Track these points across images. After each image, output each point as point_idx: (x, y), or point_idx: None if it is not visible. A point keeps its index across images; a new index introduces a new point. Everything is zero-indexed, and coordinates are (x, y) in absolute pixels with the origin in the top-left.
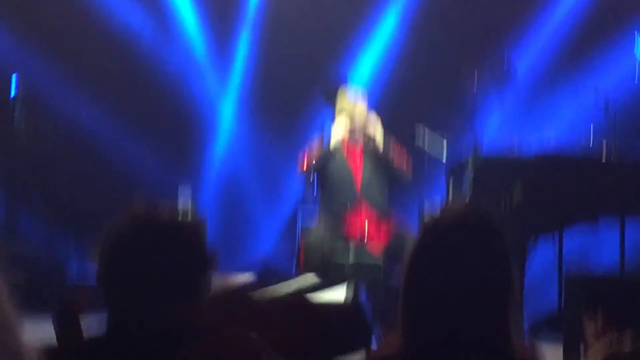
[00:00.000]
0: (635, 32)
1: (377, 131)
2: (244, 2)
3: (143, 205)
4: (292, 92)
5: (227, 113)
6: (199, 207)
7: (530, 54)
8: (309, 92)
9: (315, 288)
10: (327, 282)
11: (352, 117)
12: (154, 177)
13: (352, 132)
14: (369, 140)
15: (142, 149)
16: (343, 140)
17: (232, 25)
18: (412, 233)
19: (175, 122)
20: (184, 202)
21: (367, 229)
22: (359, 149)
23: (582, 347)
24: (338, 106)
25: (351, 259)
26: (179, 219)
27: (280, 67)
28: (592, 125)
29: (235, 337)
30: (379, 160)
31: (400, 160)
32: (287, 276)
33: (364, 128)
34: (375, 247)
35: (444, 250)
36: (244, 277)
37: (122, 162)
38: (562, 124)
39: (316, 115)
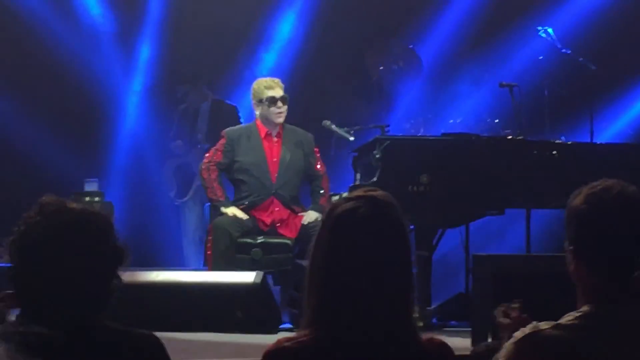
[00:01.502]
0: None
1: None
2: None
3: (52, 200)
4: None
5: (132, 107)
6: (106, 199)
7: (435, 44)
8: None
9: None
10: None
11: (272, 92)
12: (62, 173)
13: (270, 115)
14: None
15: (50, 144)
16: (260, 126)
17: (136, 23)
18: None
19: (81, 115)
20: (91, 193)
21: (279, 218)
22: (277, 136)
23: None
24: (256, 93)
25: (260, 239)
26: (88, 212)
27: (183, 63)
28: (497, 116)
29: (145, 338)
30: (298, 150)
31: (320, 162)
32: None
33: (284, 106)
34: (287, 232)
35: (338, 235)
36: (155, 274)
37: (30, 159)
38: (469, 113)
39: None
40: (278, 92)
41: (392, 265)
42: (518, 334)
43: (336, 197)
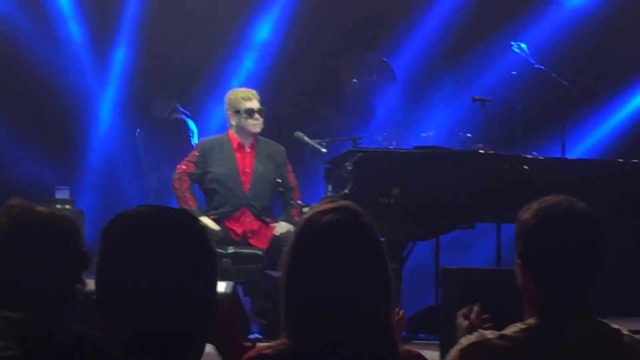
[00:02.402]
0: (512, 42)
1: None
2: (123, 12)
3: (19, 202)
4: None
5: (104, 114)
6: (77, 207)
7: (408, 58)
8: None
9: None
10: None
11: (247, 102)
12: (33, 180)
13: (245, 125)
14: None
15: (21, 151)
16: (233, 137)
17: (111, 30)
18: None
19: (54, 123)
20: (62, 201)
21: (250, 229)
22: (250, 147)
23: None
24: (232, 104)
25: (231, 249)
26: (55, 215)
27: (157, 70)
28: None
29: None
30: (270, 162)
31: (291, 174)
32: None
33: (259, 118)
34: (258, 243)
35: (319, 247)
36: None
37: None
38: (441, 126)
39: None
40: (255, 104)
41: (373, 274)
42: (464, 341)
43: (307, 209)
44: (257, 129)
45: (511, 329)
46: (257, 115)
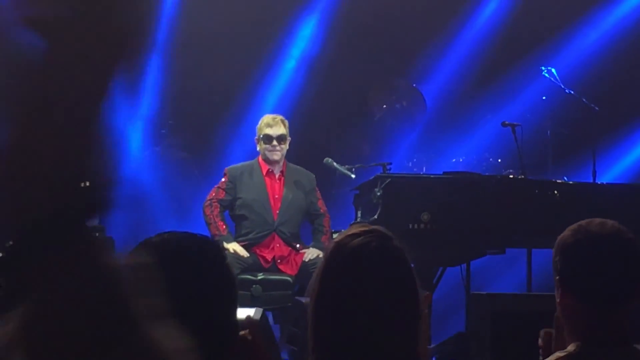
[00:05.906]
0: (542, 68)
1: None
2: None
3: None
4: (200, 120)
5: (134, 140)
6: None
7: (438, 84)
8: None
9: None
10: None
11: (270, 131)
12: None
13: (271, 151)
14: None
15: None
16: (262, 163)
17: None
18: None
19: None
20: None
21: (279, 254)
22: (280, 174)
23: None
24: (258, 130)
25: (260, 275)
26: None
27: (190, 95)
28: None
29: None
30: (299, 189)
31: (321, 200)
32: None
33: (283, 144)
34: (288, 269)
35: (349, 270)
36: None
37: None
38: (471, 152)
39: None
40: (276, 131)
41: (403, 298)
42: None
43: (336, 235)
44: (273, 157)
45: (551, 358)
46: (274, 142)
